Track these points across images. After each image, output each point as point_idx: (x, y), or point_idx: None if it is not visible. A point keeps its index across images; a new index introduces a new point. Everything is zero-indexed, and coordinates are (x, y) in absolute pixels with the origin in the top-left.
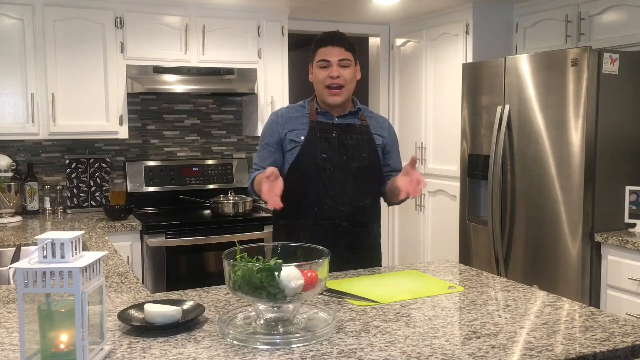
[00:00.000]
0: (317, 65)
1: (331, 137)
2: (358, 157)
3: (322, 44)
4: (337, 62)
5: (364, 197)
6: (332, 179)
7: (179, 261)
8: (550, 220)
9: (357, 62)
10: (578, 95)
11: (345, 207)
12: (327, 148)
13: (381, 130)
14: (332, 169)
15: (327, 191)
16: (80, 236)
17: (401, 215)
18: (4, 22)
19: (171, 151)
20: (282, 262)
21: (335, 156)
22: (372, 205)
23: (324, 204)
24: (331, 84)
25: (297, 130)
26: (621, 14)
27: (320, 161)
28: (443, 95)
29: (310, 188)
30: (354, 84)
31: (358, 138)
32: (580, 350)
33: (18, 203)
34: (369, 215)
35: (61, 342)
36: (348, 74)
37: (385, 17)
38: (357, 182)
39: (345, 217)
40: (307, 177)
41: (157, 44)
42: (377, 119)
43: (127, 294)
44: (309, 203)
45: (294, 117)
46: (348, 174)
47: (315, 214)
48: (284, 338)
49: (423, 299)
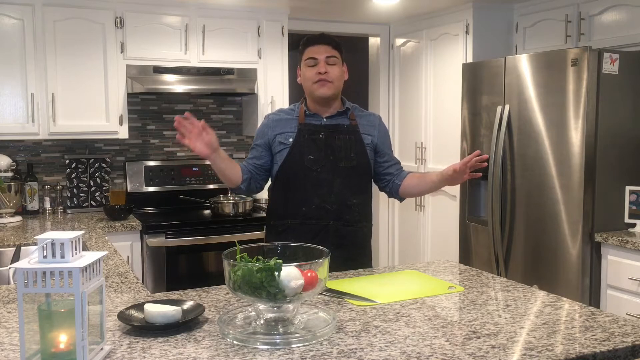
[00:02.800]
0: (305, 65)
1: (318, 138)
2: (346, 157)
3: (309, 43)
4: (325, 59)
5: (352, 196)
6: (319, 178)
7: (179, 261)
8: (550, 220)
9: (344, 63)
10: (578, 95)
11: (333, 206)
12: (314, 149)
13: (371, 129)
14: (319, 169)
15: (315, 191)
16: (80, 236)
17: (401, 215)
18: (4, 22)
19: (171, 151)
20: (282, 262)
21: (322, 157)
22: (362, 204)
23: (312, 204)
24: (319, 79)
25: (285, 132)
26: (621, 14)
27: (308, 162)
28: (443, 95)
29: (298, 188)
30: (342, 83)
31: (345, 138)
32: (580, 350)
33: (18, 203)
34: (357, 214)
35: (61, 342)
36: (336, 71)
37: (385, 17)
38: (345, 182)
39: (333, 216)
40: (295, 177)
41: (157, 44)
42: (368, 118)
43: (127, 294)
44: (297, 203)
45: (284, 119)
46: (336, 174)
47: (303, 213)
48: (284, 338)
49: (423, 299)
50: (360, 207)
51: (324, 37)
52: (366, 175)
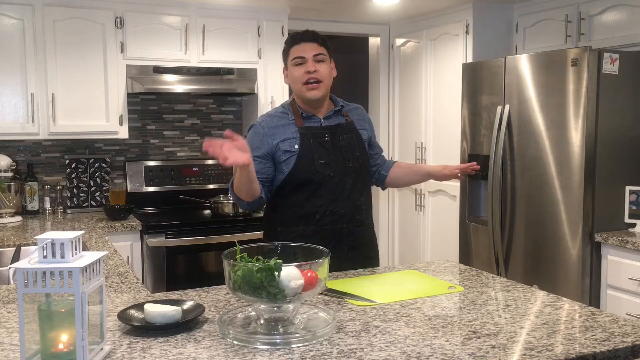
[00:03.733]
0: (292, 64)
1: (324, 141)
2: (352, 156)
3: (295, 42)
4: (312, 57)
5: (360, 195)
6: (332, 183)
7: (179, 261)
8: (550, 220)
9: (332, 59)
10: (578, 95)
11: (346, 209)
12: (323, 153)
13: (363, 123)
14: (331, 173)
15: (329, 197)
16: (80, 236)
17: (401, 215)
18: (4, 22)
19: (171, 151)
20: (282, 262)
21: (332, 160)
22: (367, 202)
23: (326, 210)
24: (309, 79)
25: (289, 139)
26: (621, 14)
27: (319, 167)
28: (443, 95)
29: (311, 196)
30: (331, 80)
31: (349, 137)
32: (580, 350)
33: (18, 203)
34: (365, 213)
35: (61, 342)
36: (324, 69)
37: (385, 17)
38: (354, 182)
39: (346, 219)
40: (307, 185)
41: (157, 44)
42: (356, 111)
43: (127, 294)
44: (310, 210)
45: (279, 125)
46: (346, 176)
47: (317, 220)
48: (284, 338)
49: (423, 299)
50: (367, 204)
51: (309, 35)
52: (368, 172)
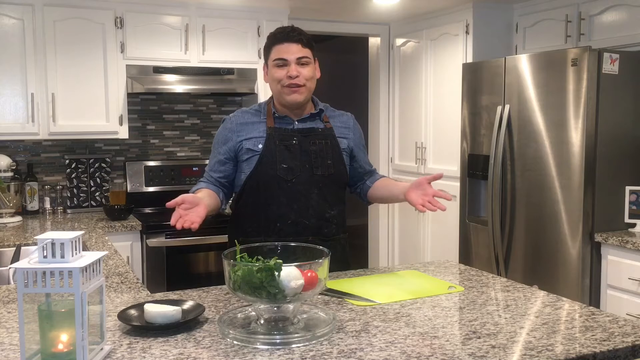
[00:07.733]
0: (273, 64)
1: (292, 144)
2: (322, 164)
3: (278, 40)
4: (295, 61)
5: (330, 208)
6: (294, 191)
7: (179, 261)
8: (550, 220)
9: (316, 59)
10: (578, 95)
11: (311, 220)
12: (288, 157)
13: (346, 131)
14: (294, 179)
15: (290, 205)
16: (80, 236)
17: (401, 215)
18: (4, 22)
19: (171, 151)
20: (282, 262)
21: (297, 165)
22: (339, 216)
23: (287, 219)
24: (290, 84)
25: (254, 138)
26: (621, 14)
27: (281, 172)
28: (443, 95)
29: (271, 202)
30: (314, 83)
31: (321, 143)
32: (580, 350)
33: (18, 203)
34: (335, 227)
35: (61, 342)
36: (307, 73)
37: (385, 17)
38: (322, 193)
39: (311, 232)
40: (267, 189)
41: (157, 44)
42: (341, 118)
43: (127, 294)
44: (271, 218)
45: (249, 123)
46: (312, 184)
47: (279, 229)
48: (284, 338)
49: (423, 299)
50: (338, 218)
51: (293, 35)
52: (343, 184)
